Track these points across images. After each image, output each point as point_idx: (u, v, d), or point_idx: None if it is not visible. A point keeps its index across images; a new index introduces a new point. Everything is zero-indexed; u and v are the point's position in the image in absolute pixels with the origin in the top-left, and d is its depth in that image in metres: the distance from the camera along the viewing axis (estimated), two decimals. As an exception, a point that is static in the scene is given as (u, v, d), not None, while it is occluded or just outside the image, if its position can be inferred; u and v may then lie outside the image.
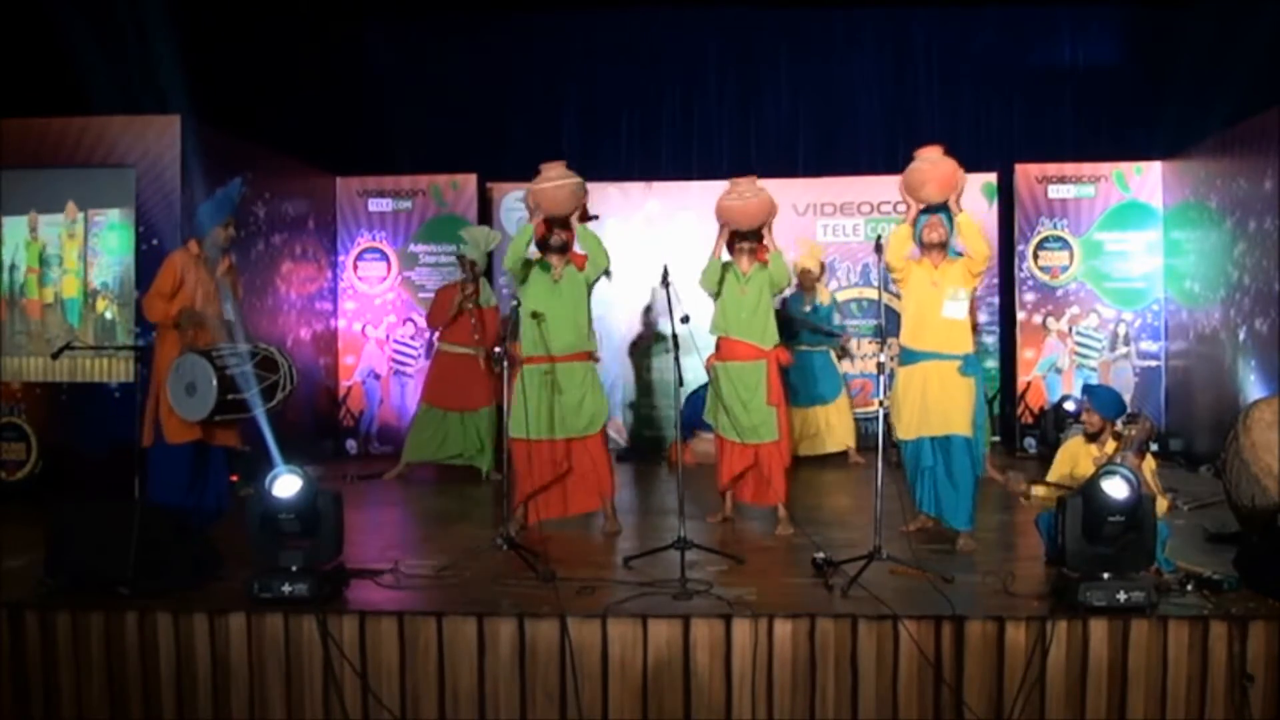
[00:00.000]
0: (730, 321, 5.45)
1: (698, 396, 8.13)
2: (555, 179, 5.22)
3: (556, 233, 5.33)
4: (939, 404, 4.99)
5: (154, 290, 5.15)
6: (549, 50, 9.37)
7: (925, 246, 5.10)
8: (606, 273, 5.46)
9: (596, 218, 5.26)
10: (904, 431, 5.10)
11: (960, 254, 5.18)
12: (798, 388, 7.34)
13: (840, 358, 8.20)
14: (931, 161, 5.05)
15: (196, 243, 5.23)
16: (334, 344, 8.84)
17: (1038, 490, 4.69)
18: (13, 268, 6.71)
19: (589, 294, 5.44)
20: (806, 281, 7.80)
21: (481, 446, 7.25)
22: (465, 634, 3.87)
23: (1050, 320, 8.59)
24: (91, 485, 5.98)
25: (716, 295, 5.52)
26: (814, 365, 7.78)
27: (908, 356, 5.12)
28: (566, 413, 5.31)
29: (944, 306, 5.01)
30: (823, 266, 8.07)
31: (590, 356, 5.42)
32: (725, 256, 5.54)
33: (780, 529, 5.24)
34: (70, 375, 6.53)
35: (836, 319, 8.12)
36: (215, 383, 4.82)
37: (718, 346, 5.52)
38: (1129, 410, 5.20)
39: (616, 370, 8.71)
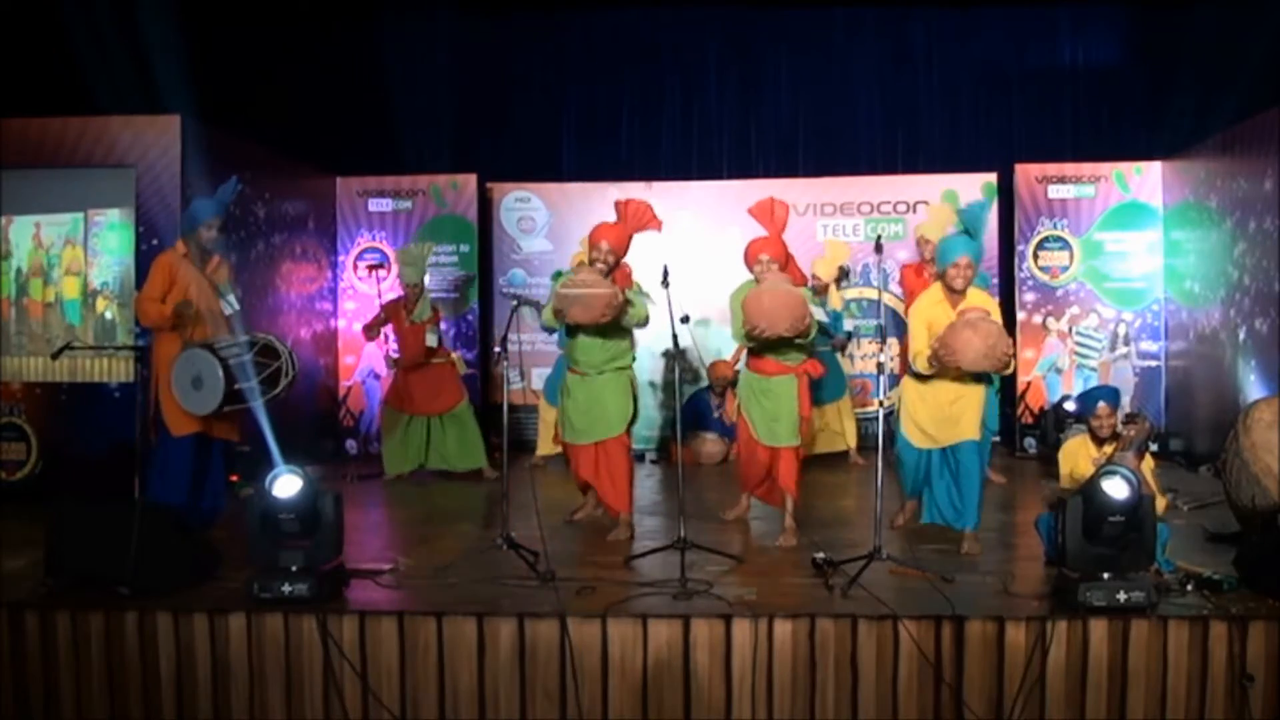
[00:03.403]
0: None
1: (699, 398, 8.17)
2: (580, 288, 5.00)
3: (599, 258, 5.17)
4: (951, 415, 4.90)
5: (145, 294, 5.16)
6: (549, 50, 9.36)
7: (951, 291, 4.86)
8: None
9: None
10: (918, 442, 5.03)
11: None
12: (816, 385, 7.33)
13: (842, 355, 8.20)
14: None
15: (184, 243, 5.24)
16: (334, 344, 8.84)
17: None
18: (18, 270, 6.72)
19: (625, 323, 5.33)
20: (817, 286, 7.79)
21: (459, 445, 7.26)
22: (465, 634, 3.87)
23: (1050, 320, 8.59)
24: (91, 485, 5.97)
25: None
26: (825, 364, 7.77)
27: (921, 374, 4.94)
28: (577, 419, 5.35)
29: None
30: (843, 272, 8.02)
31: (620, 368, 5.37)
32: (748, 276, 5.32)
33: (783, 539, 5.13)
34: (70, 375, 6.53)
35: (848, 324, 8.11)
36: (221, 374, 4.83)
37: (748, 356, 5.39)
38: (1128, 410, 5.20)
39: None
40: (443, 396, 7.25)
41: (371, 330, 7.33)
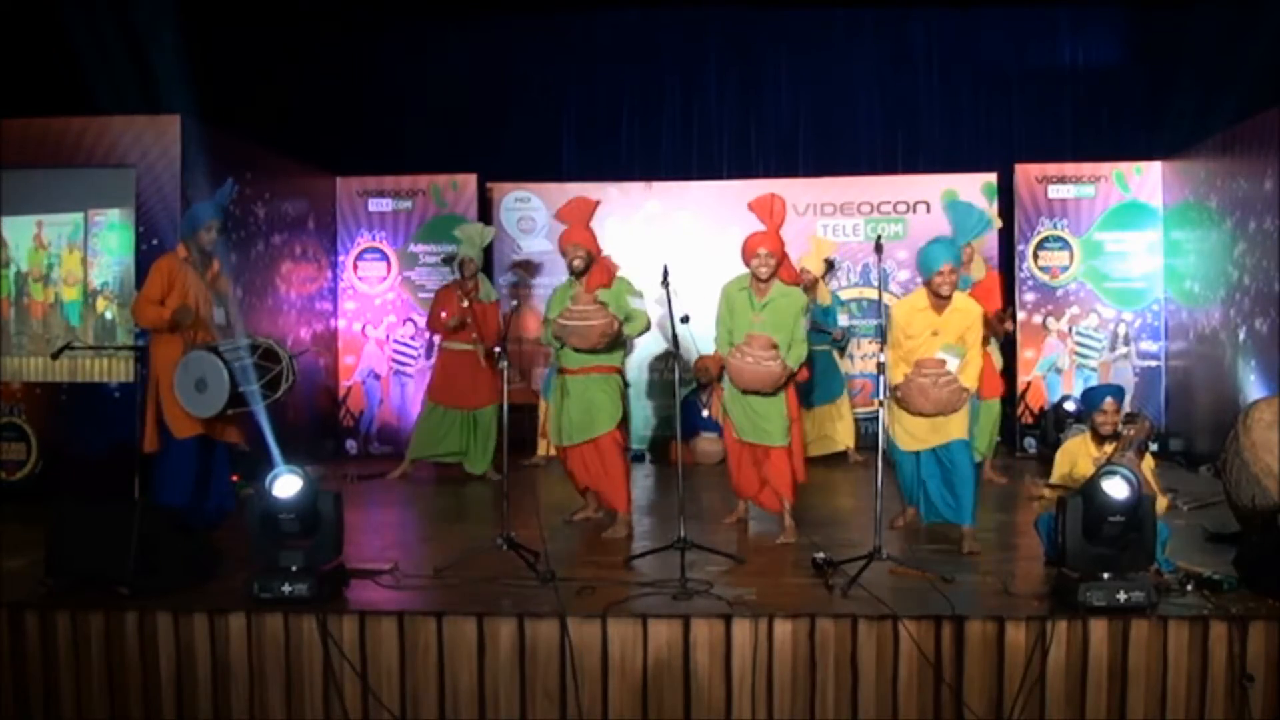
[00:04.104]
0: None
1: (693, 399, 8.16)
2: (577, 320, 5.21)
3: (576, 256, 5.31)
4: (940, 417, 4.95)
5: (143, 296, 5.15)
6: (549, 50, 9.36)
7: (937, 297, 4.93)
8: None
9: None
10: (906, 445, 5.08)
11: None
12: (807, 387, 7.33)
13: (841, 355, 8.21)
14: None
15: (184, 246, 5.24)
16: (334, 344, 8.84)
17: (1047, 492, 4.69)
18: (17, 270, 6.72)
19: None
20: (806, 281, 7.77)
21: (476, 446, 7.25)
22: (465, 634, 3.87)
23: (1050, 320, 8.59)
24: (91, 485, 5.98)
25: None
26: (818, 365, 7.77)
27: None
28: (569, 419, 5.38)
29: (940, 350, 4.95)
30: (830, 265, 8.04)
31: (612, 369, 5.43)
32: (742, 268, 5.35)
33: (784, 537, 5.15)
34: (70, 375, 6.52)
35: (843, 319, 8.11)
36: (226, 377, 4.84)
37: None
38: (1128, 410, 5.20)
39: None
40: (481, 393, 7.21)
41: (437, 321, 7.25)
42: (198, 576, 4.31)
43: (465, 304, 7.16)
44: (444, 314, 7.19)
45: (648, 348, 8.68)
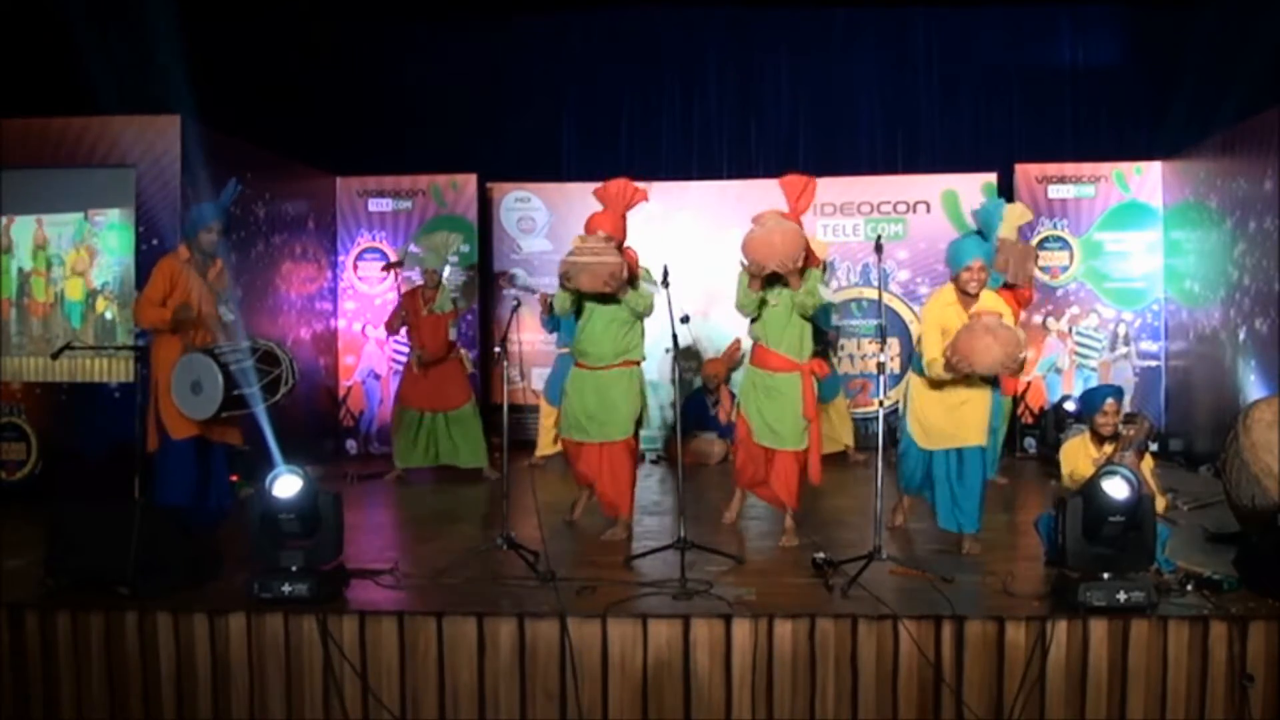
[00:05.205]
0: (767, 330, 5.18)
1: (696, 398, 8.16)
2: (588, 256, 5.00)
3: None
4: (961, 416, 4.89)
5: (145, 296, 5.16)
6: (549, 50, 9.37)
7: (964, 294, 4.81)
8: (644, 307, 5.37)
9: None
10: (923, 442, 5.01)
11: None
12: None
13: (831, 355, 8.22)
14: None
15: (186, 247, 5.24)
16: (334, 344, 8.84)
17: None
18: (20, 269, 6.72)
19: (633, 316, 5.32)
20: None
21: (463, 444, 7.24)
22: (465, 634, 3.87)
23: (1050, 320, 8.59)
24: (91, 485, 5.97)
25: (757, 317, 5.20)
26: None
27: (934, 381, 4.92)
28: (583, 415, 5.32)
29: None
30: (825, 266, 8.05)
31: (630, 364, 5.35)
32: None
33: (785, 540, 5.13)
34: (70, 375, 6.53)
35: (835, 319, 8.12)
36: (221, 380, 4.84)
37: (753, 352, 5.33)
38: (1128, 410, 5.20)
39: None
40: (451, 394, 7.24)
41: (393, 324, 7.32)
42: (198, 576, 4.31)
43: (403, 315, 7.21)
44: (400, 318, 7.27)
45: (658, 345, 8.67)
